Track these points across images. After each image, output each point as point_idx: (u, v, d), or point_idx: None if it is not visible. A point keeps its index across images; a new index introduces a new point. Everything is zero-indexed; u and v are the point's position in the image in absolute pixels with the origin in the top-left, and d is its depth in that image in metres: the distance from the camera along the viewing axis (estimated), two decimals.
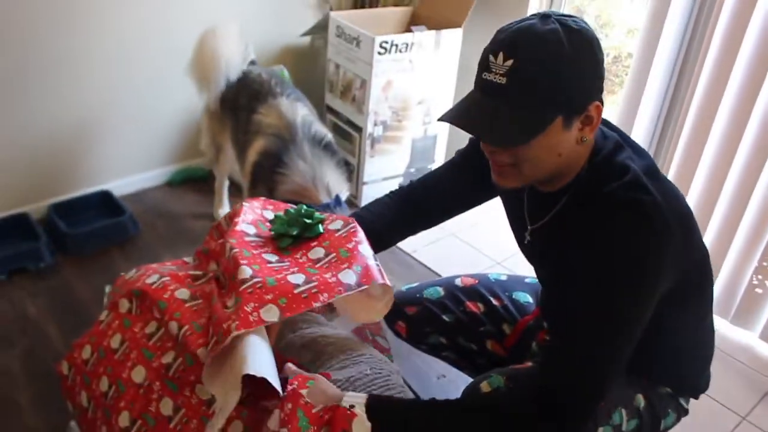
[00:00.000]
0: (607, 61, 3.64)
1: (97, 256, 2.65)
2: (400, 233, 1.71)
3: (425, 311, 1.77)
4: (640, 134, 2.62)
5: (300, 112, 2.32)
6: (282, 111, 2.30)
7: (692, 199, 2.46)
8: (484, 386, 1.41)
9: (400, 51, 2.84)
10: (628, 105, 2.60)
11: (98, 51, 2.71)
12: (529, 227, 1.46)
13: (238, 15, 2.94)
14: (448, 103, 3.09)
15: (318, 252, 1.49)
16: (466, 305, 1.76)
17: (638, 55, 2.52)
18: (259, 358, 1.27)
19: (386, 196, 1.73)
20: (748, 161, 2.32)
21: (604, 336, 1.21)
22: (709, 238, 2.46)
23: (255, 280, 1.35)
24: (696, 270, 1.38)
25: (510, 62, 1.16)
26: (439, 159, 3.25)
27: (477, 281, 1.81)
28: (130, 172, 3.07)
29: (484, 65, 1.21)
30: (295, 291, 1.34)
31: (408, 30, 3.05)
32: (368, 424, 1.20)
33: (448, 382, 2.17)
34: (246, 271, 1.37)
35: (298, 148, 2.17)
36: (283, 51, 3.27)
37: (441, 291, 1.79)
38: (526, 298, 1.78)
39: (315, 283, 1.37)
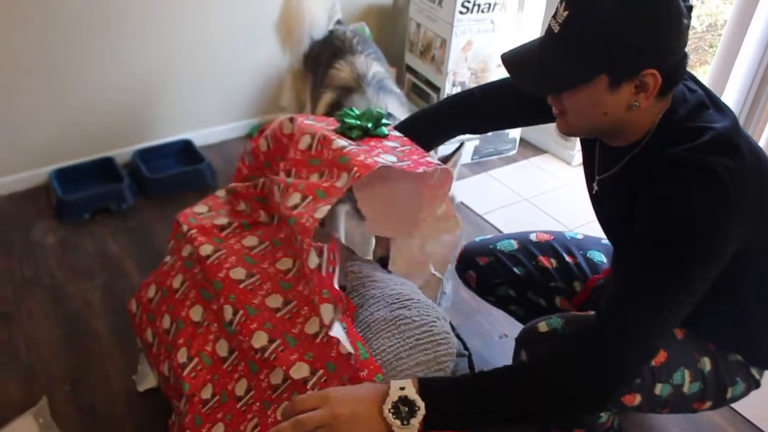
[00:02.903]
0: (702, 28, 3.53)
1: (174, 200, 2.72)
2: (445, 135, 1.76)
3: (497, 262, 1.76)
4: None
5: (373, 68, 2.29)
6: (356, 66, 2.28)
7: None
8: (542, 326, 1.42)
9: (483, 11, 2.80)
10: (717, 76, 2.51)
11: (188, 4, 2.76)
12: (596, 177, 1.45)
13: None
14: None
15: (391, 142, 1.57)
16: (538, 259, 1.74)
17: (731, 23, 2.43)
18: None
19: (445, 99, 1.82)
20: None
21: (657, 291, 1.17)
22: None
23: (351, 148, 1.44)
24: None
25: (566, 13, 1.16)
26: None
27: (552, 237, 1.79)
28: (212, 123, 3.13)
29: (554, 11, 1.21)
30: (396, 165, 1.43)
31: None
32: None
33: (509, 340, 2.13)
34: (340, 142, 1.46)
35: (362, 93, 2.16)
36: (366, 8, 3.27)
37: (515, 244, 1.78)
38: (601, 257, 1.75)
39: (408, 162, 1.45)
